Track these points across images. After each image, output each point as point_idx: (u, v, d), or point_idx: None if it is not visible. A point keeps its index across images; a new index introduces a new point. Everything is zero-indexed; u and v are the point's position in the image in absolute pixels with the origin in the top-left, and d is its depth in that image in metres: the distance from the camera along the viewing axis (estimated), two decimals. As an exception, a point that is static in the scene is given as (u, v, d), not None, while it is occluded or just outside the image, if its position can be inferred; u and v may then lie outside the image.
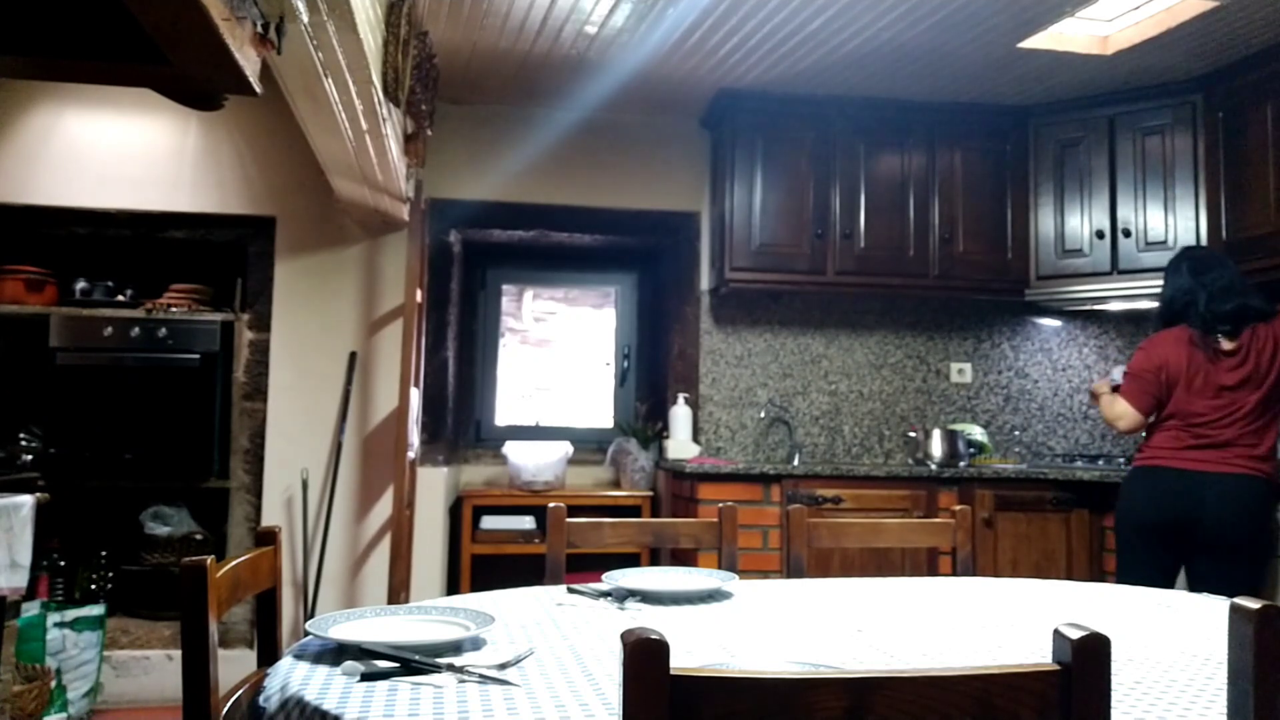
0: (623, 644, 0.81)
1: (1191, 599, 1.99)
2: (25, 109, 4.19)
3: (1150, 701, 1.23)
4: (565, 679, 1.28)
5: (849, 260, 4.34)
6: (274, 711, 1.20)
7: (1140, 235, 4.18)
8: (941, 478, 4.00)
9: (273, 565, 1.79)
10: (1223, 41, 3.69)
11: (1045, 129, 4.44)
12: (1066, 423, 4.78)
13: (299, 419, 4.25)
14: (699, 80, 4.18)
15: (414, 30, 3.20)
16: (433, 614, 1.57)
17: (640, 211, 4.63)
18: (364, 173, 3.49)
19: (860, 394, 4.69)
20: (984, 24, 3.57)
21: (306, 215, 4.30)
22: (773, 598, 1.93)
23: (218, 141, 4.28)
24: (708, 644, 1.51)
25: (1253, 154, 3.79)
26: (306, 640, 1.46)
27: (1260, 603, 0.91)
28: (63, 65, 1.81)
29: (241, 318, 4.32)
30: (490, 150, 4.53)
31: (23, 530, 2.75)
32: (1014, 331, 4.80)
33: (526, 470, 4.40)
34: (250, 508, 4.26)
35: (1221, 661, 1.37)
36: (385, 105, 2.97)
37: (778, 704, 0.83)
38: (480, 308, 4.95)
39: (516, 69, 4.09)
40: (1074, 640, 0.85)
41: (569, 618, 1.69)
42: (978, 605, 1.89)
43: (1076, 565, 3.98)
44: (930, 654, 1.49)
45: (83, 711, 3.66)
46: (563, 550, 2.21)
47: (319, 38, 2.30)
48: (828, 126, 4.38)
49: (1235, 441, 3.19)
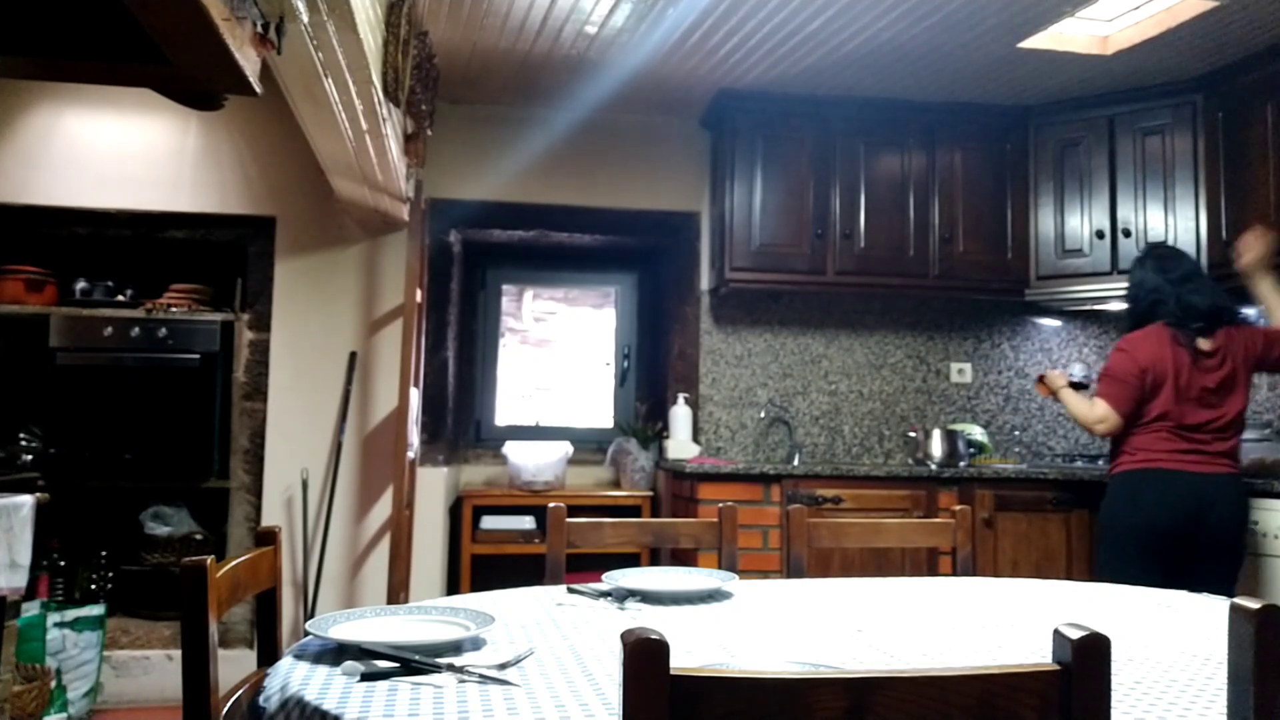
0: (623, 644, 0.81)
1: (1191, 599, 1.99)
2: (25, 109, 4.19)
3: (1150, 701, 1.23)
4: (565, 679, 1.28)
5: (849, 260, 4.34)
6: (274, 711, 1.20)
7: (1140, 235, 4.18)
8: (941, 478, 4.00)
9: (273, 565, 1.79)
10: (1223, 41, 3.69)
11: (1045, 129, 4.44)
12: (1066, 423, 4.78)
13: (299, 419, 4.25)
14: (699, 80, 4.18)
15: (414, 30, 3.20)
16: (433, 614, 1.57)
17: (640, 211, 4.63)
18: (364, 173, 3.49)
19: (860, 394, 4.68)
20: (984, 24, 3.57)
21: (306, 215, 4.30)
22: (773, 598, 1.93)
23: (218, 141, 4.28)
24: (708, 644, 1.51)
25: (1253, 154, 3.79)
26: (306, 640, 1.46)
27: (1260, 602, 0.91)
28: (63, 65, 1.82)
29: (241, 318, 4.32)
30: (490, 150, 4.53)
31: (23, 530, 2.75)
32: (1014, 331, 4.79)
33: (526, 470, 4.40)
34: (250, 508, 4.26)
35: (1221, 661, 1.37)
36: (385, 105, 2.97)
37: (778, 704, 0.83)
38: (480, 308, 4.95)
39: (516, 69, 4.09)
40: (1074, 640, 0.85)
41: (569, 618, 1.69)
42: (978, 605, 1.89)
43: (1076, 565, 3.98)
44: (930, 654, 1.49)
45: (83, 711, 3.66)
46: (563, 550, 2.21)
47: (319, 38, 2.30)
48: (828, 126, 4.38)
49: (1218, 441, 3.23)
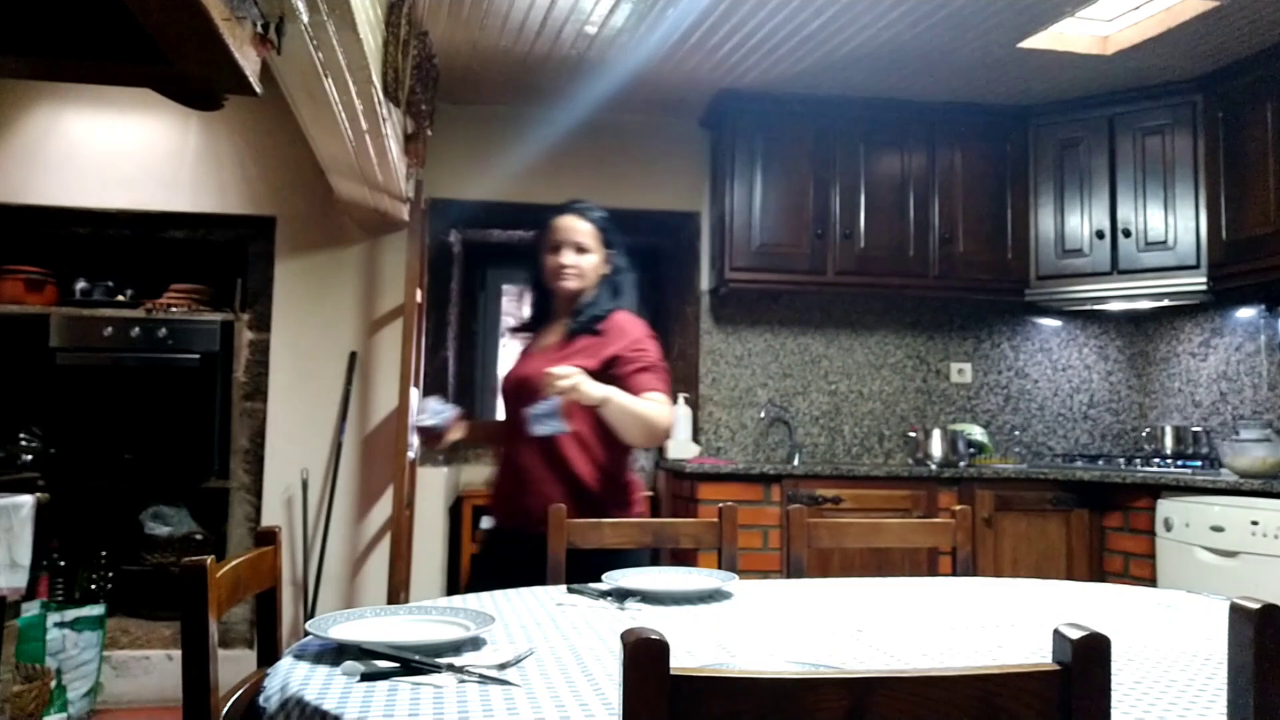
0: (623, 644, 0.81)
1: (1191, 599, 1.99)
2: (25, 109, 4.19)
3: (1150, 701, 1.23)
4: (565, 679, 1.28)
5: (849, 260, 4.34)
6: (274, 711, 1.20)
7: (1140, 235, 4.18)
8: (941, 478, 4.00)
9: (273, 565, 1.79)
10: (1223, 41, 3.69)
11: (1045, 129, 4.44)
12: (1066, 423, 4.78)
13: (299, 419, 4.25)
14: (699, 80, 4.18)
15: (414, 30, 3.20)
16: (433, 614, 1.57)
17: (640, 211, 4.62)
18: (364, 173, 3.49)
19: (860, 394, 4.68)
20: (984, 24, 3.57)
21: (306, 215, 4.30)
22: (773, 598, 1.93)
23: (218, 141, 4.28)
24: (708, 644, 1.51)
25: (1253, 154, 3.79)
26: (306, 640, 1.46)
27: (1260, 602, 0.91)
28: (63, 65, 1.82)
29: (241, 318, 4.32)
30: (490, 150, 4.53)
31: (23, 530, 2.75)
32: (1014, 331, 4.79)
33: (526, 470, 4.39)
34: (250, 508, 4.26)
35: (1221, 661, 1.37)
36: (385, 105, 2.97)
37: (778, 704, 0.83)
38: (480, 308, 4.95)
39: (516, 69, 4.09)
40: (1074, 640, 0.85)
41: (569, 618, 1.69)
42: (978, 605, 1.89)
43: (1076, 565, 3.98)
44: (930, 654, 1.49)
45: (83, 711, 3.66)
46: (563, 550, 2.21)
47: (319, 38, 2.30)
48: (828, 126, 4.38)
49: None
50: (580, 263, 2.45)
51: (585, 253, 2.46)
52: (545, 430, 2.24)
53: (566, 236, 2.46)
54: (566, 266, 2.45)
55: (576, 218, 2.48)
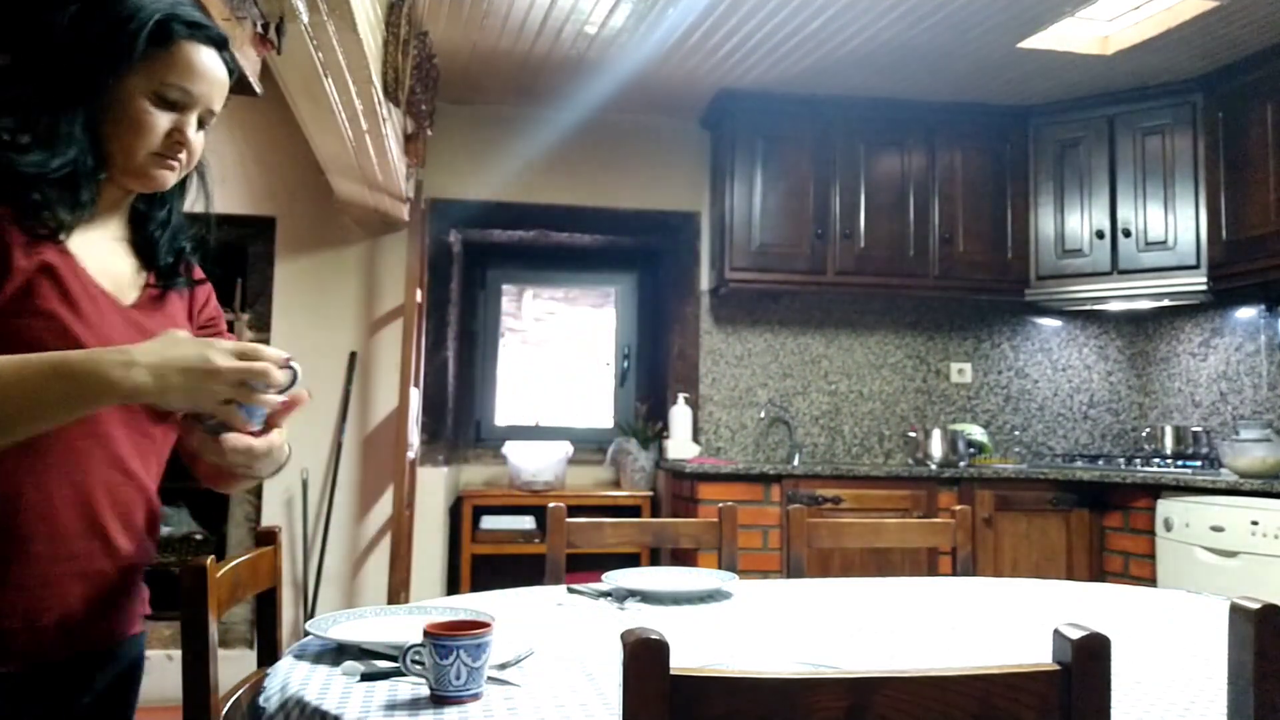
0: (623, 644, 0.81)
1: (1191, 600, 1.99)
2: (25, 109, 4.18)
3: (1150, 701, 1.23)
4: (565, 679, 1.28)
5: (849, 260, 4.34)
6: (274, 711, 1.20)
7: (1140, 235, 4.18)
8: (941, 478, 4.00)
9: (273, 565, 1.79)
10: (1223, 41, 3.69)
11: (1045, 129, 4.44)
12: (1066, 423, 4.78)
13: (299, 419, 4.20)
14: (699, 80, 4.18)
15: (414, 30, 3.20)
16: (433, 614, 1.57)
17: (640, 211, 4.63)
18: (364, 173, 3.49)
19: (860, 394, 4.68)
20: (984, 24, 3.57)
21: (306, 215, 4.30)
22: (773, 598, 1.93)
23: (218, 141, 4.28)
24: (708, 644, 1.51)
25: (1253, 154, 3.79)
26: (306, 640, 1.46)
27: (1260, 602, 0.91)
28: (63, 65, 1.81)
29: (241, 318, 4.32)
30: (490, 150, 4.53)
31: (23, 530, 2.75)
32: (1014, 331, 4.80)
33: (526, 470, 4.40)
34: (250, 508, 4.26)
35: (1221, 661, 1.37)
36: (385, 105, 2.97)
37: (778, 704, 0.83)
38: (480, 308, 4.95)
39: (516, 69, 4.09)
40: (1074, 640, 0.85)
41: (569, 618, 1.69)
42: (978, 605, 1.89)
43: (1076, 565, 3.98)
44: (930, 654, 1.49)
45: (83, 711, 3.66)
46: (563, 550, 2.21)
47: (319, 38, 2.30)
48: (828, 126, 4.38)
49: None
50: (197, 143, 1.42)
51: (204, 127, 1.43)
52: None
53: (201, 87, 1.35)
54: (186, 142, 1.38)
55: (216, 54, 1.35)
